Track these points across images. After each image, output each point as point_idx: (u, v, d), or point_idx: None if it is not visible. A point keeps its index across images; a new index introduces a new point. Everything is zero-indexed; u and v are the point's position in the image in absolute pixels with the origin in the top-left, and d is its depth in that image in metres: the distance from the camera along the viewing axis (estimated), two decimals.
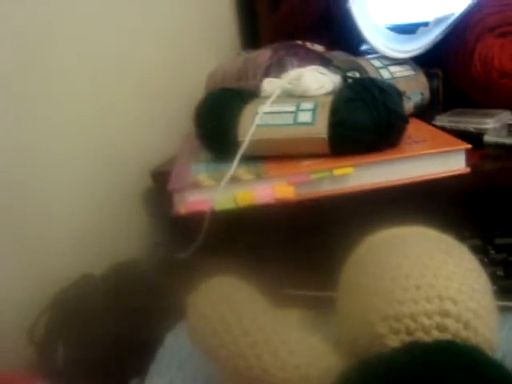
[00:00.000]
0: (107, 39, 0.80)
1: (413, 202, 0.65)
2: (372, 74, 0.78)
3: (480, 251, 0.68)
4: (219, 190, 0.61)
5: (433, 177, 0.64)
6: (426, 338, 0.42)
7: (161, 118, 0.92)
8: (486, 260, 0.67)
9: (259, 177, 0.63)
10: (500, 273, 0.67)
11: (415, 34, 0.90)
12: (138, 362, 0.59)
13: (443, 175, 0.64)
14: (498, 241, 0.71)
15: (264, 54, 0.84)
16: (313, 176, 0.62)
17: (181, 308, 0.52)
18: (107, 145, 0.80)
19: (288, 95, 0.70)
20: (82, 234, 0.74)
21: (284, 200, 0.62)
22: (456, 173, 0.64)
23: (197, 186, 0.63)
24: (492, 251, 0.70)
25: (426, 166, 0.64)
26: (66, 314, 0.62)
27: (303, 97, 0.68)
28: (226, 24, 1.15)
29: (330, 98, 0.66)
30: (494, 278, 0.58)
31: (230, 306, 0.48)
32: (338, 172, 0.62)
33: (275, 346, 0.46)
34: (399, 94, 0.67)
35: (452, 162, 0.65)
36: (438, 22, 0.88)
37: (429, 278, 0.44)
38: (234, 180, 0.62)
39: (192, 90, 0.94)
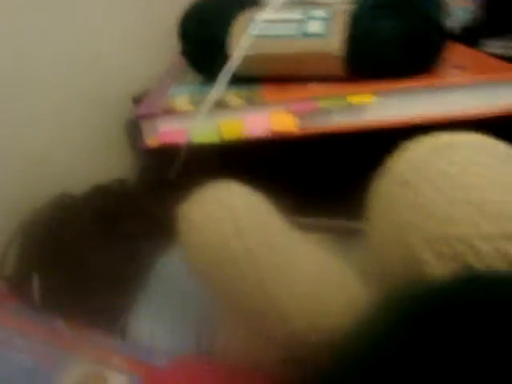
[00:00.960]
0: None
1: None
2: None
3: None
4: (199, 117, 0.47)
5: (477, 112, 0.49)
6: (481, 267, 0.30)
7: (146, 38, 0.77)
8: None
9: (252, 102, 0.48)
10: None
11: None
12: (127, 293, 0.48)
13: (491, 112, 0.49)
14: None
15: None
16: (321, 103, 0.48)
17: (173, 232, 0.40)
18: (91, 65, 0.67)
19: (297, 2, 0.54)
20: (59, 152, 0.62)
21: (283, 133, 0.48)
22: (508, 108, 0.49)
23: (171, 111, 0.49)
24: None
25: (469, 98, 0.49)
26: (41, 241, 0.50)
27: (315, 2, 0.53)
28: None
29: (348, 4, 0.50)
30: None
31: (229, 213, 0.35)
32: (354, 100, 0.47)
33: (284, 270, 0.34)
34: (440, 1, 0.51)
35: (503, 95, 0.49)
36: None
37: (484, 191, 0.30)
38: (220, 105, 0.48)
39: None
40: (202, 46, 0.54)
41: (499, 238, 0.28)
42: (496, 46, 0.64)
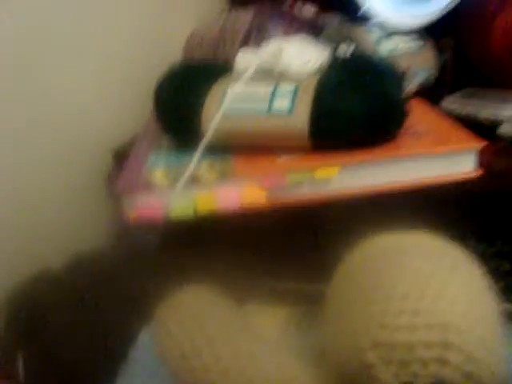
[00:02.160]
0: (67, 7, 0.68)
1: (412, 204, 0.54)
2: (369, 47, 0.65)
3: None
4: (175, 194, 0.50)
5: (433, 181, 0.52)
6: (423, 371, 0.34)
7: (130, 91, 0.80)
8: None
9: (224, 176, 0.51)
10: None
11: None
12: (108, 365, 0.51)
13: (446, 179, 0.53)
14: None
15: (244, 17, 0.72)
16: (289, 178, 0.51)
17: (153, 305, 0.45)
18: (66, 123, 0.69)
19: (266, 72, 0.57)
20: (37, 223, 0.65)
21: (253, 206, 0.51)
22: (464, 176, 0.53)
23: (150, 186, 0.52)
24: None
25: (427, 168, 0.53)
26: (25, 321, 0.53)
27: (283, 76, 0.56)
28: None
29: (314, 79, 0.54)
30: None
31: (201, 325, 0.41)
32: (319, 173, 0.51)
33: (249, 375, 0.39)
34: (400, 77, 0.55)
35: (459, 163, 0.53)
36: None
37: (429, 301, 0.35)
38: (194, 180, 0.51)
39: (169, 56, 0.83)
40: (177, 117, 0.57)
41: (440, 347, 0.32)
42: (454, 102, 0.68)
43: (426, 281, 0.36)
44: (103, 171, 0.75)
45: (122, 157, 0.70)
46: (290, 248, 0.57)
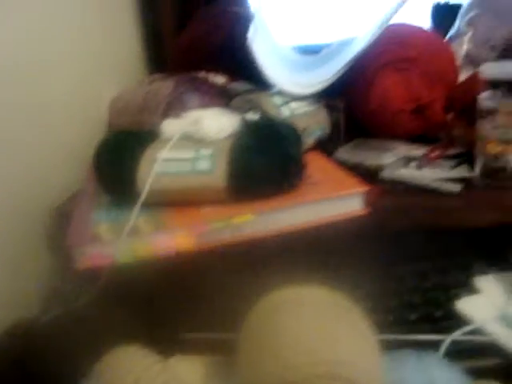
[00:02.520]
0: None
1: (315, 242, 0.67)
2: (272, 112, 0.79)
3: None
4: (119, 245, 0.60)
5: (330, 220, 0.65)
6: None
7: (62, 149, 0.86)
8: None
9: (158, 228, 0.62)
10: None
11: (319, 59, 0.92)
12: None
13: (340, 218, 0.66)
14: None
15: (165, 88, 0.83)
16: (212, 225, 0.62)
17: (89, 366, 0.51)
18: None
19: (188, 138, 0.69)
20: None
21: (184, 250, 0.62)
22: (353, 215, 0.66)
23: (96, 239, 0.62)
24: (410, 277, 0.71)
25: (324, 210, 0.66)
26: None
27: (203, 141, 0.68)
28: (131, 48, 1.12)
29: (229, 143, 0.66)
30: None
31: (135, 381, 0.49)
32: (236, 220, 0.62)
33: None
34: (298, 137, 0.68)
35: (349, 205, 0.67)
36: (342, 45, 0.91)
37: (321, 343, 0.46)
38: (134, 232, 0.61)
39: (96, 118, 0.91)
40: (113, 179, 0.67)
41: (332, 379, 0.44)
42: (345, 153, 0.82)
43: (318, 327, 0.46)
44: (42, 230, 0.79)
45: (63, 214, 0.78)
46: (208, 300, 0.66)
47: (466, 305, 0.63)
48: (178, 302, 0.65)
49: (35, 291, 0.75)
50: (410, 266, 0.72)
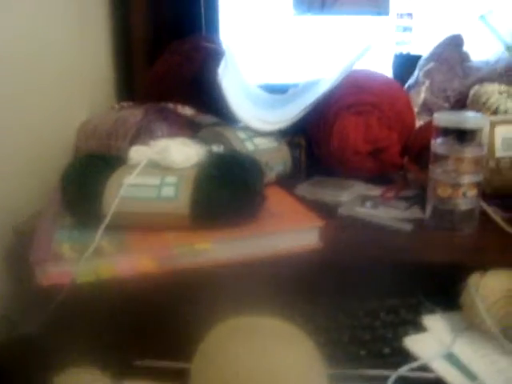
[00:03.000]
0: None
1: (271, 272, 0.68)
2: (237, 146, 0.82)
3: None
4: (81, 263, 0.61)
5: (287, 252, 0.68)
6: None
7: (26, 169, 0.87)
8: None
9: (121, 250, 0.64)
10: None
11: (285, 98, 0.96)
12: None
13: (297, 250, 0.68)
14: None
15: (135, 116, 0.86)
16: (174, 250, 0.64)
17: None
18: None
19: (154, 165, 0.71)
20: None
21: (145, 273, 0.64)
22: (309, 248, 0.69)
23: (59, 257, 0.63)
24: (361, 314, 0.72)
25: (281, 242, 0.68)
26: None
27: (169, 168, 0.70)
28: (102, 74, 1.14)
29: (193, 173, 0.68)
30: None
31: None
32: (197, 246, 0.65)
33: None
34: (260, 170, 0.71)
35: (306, 238, 0.69)
36: (308, 85, 0.95)
37: (268, 374, 0.48)
38: (97, 252, 0.63)
39: (63, 140, 0.92)
40: (79, 202, 0.68)
41: None
42: (305, 189, 0.85)
43: (263, 357, 0.48)
44: (2, 248, 0.79)
45: (22, 233, 0.79)
46: (164, 326, 0.66)
47: (413, 342, 0.64)
48: (134, 325, 0.66)
49: None
50: (361, 303, 0.74)
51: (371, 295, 0.74)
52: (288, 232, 0.69)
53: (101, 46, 1.17)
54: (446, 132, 0.72)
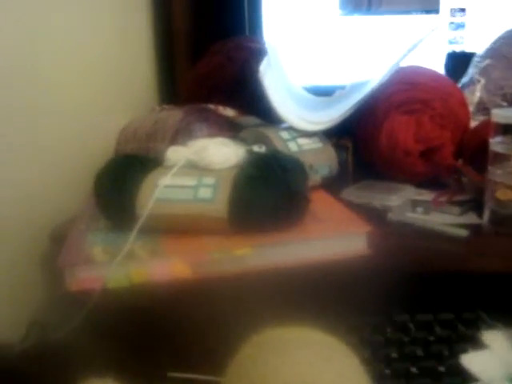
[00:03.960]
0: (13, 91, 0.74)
1: (315, 280, 0.64)
2: (279, 146, 0.78)
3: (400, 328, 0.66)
4: (113, 267, 0.58)
5: (332, 258, 0.63)
6: None
7: (67, 176, 0.86)
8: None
9: (155, 254, 0.60)
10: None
11: (331, 100, 0.92)
12: None
13: (343, 257, 0.64)
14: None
15: (174, 117, 0.83)
16: (211, 255, 0.61)
17: None
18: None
19: (192, 166, 0.68)
20: None
21: (180, 279, 0.60)
22: (356, 255, 0.64)
23: (90, 261, 0.60)
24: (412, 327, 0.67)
25: (326, 248, 0.64)
26: None
27: (207, 169, 0.67)
28: (144, 77, 1.13)
29: (232, 174, 0.65)
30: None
31: None
32: (236, 252, 0.61)
33: None
34: (303, 172, 0.67)
35: (353, 244, 0.65)
36: (355, 87, 0.90)
37: None
38: (129, 256, 0.60)
39: (104, 145, 0.91)
40: (113, 203, 0.66)
41: None
42: (352, 193, 0.81)
43: (304, 370, 0.43)
44: (39, 253, 0.78)
45: (58, 238, 0.76)
46: (191, 338, 0.63)
47: (471, 360, 0.59)
48: (165, 334, 0.63)
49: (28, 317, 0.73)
50: (412, 315, 0.69)
51: (423, 307, 0.70)
52: (334, 237, 0.64)
53: (143, 48, 1.16)
54: (505, 129, 0.67)
